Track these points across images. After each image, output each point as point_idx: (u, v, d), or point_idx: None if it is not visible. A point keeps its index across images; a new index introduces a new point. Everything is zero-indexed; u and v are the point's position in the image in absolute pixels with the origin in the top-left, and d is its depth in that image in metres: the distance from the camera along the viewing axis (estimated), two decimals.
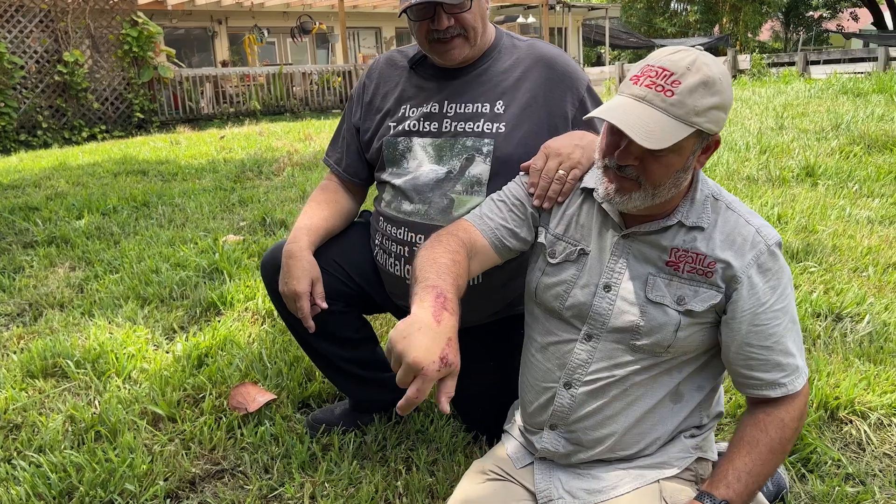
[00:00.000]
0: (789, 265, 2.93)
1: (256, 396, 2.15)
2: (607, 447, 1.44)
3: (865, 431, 1.97)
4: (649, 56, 1.30)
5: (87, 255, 3.66)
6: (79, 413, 2.13)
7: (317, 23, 17.10)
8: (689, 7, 30.47)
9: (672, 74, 1.22)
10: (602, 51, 22.66)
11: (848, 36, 33.75)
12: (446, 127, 1.72)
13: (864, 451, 1.92)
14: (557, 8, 19.33)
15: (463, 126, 1.71)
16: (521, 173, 1.57)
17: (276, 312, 2.71)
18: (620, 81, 12.87)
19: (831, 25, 34.29)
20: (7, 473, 1.90)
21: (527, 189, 1.53)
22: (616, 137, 1.29)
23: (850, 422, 2.01)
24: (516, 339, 1.72)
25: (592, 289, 1.40)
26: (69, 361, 2.44)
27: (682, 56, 1.24)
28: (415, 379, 1.14)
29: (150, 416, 2.14)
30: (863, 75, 9.77)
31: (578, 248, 1.43)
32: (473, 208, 1.66)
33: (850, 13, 32.14)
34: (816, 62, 14.82)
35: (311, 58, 19.28)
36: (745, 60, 14.45)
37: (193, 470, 1.90)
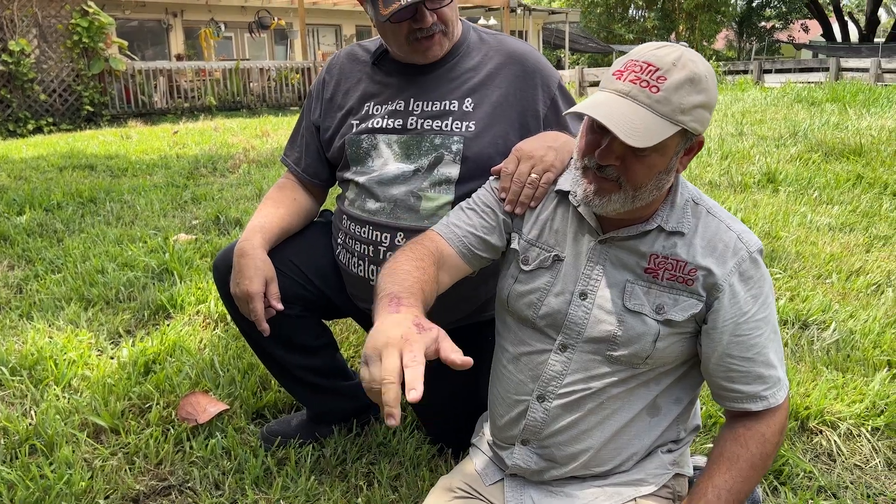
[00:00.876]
0: None
1: (207, 406, 2.02)
2: (582, 463, 1.36)
3: (836, 442, 1.94)
4: (632, 51, 1.22)
5: (27, 254, 3.46)
6: (12, 425, 1.97)
7: (275, 18, 16.87)
8: (646, 14, 30.94)
9: (658, 70, 1.15)
10: (562, 55, 22.83)
11: (799, 47, 34.77)
12: (413, 124, 1.63)
13: (834, 462, 1.89)
14: (518, 11, 19.41)
15: (430, 124, 1.62)
16: (492, 177, 1.48)
17: (229, 316, 2.58)
18: (580, 85, 12.89)
19: (783, 36, 35.25)
20: None
21: (497, 194, 1.44)
22: (597, 136, 1.21)
23: (821, 432, 1.99)
24: (484, 344, 1.64)
25: (568, 297, 1.32)
26: (3, 368, 2.27)
27: (667, 51, 1.17)
28: (403, 357, 1.00)
29: (90, 427, 1.99)
30: (815, 85, 10.01)
31: (553, 254, 1.35)
32: (442, 207, 1.58)
33: (801, 24, 33.09)
34: (769, 71, 15.15)
35: (269, 54, 18.99)
36: None
37: (137, 487, 1.77)
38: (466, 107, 1.63)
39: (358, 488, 1.76)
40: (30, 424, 2.00)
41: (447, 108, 1.63)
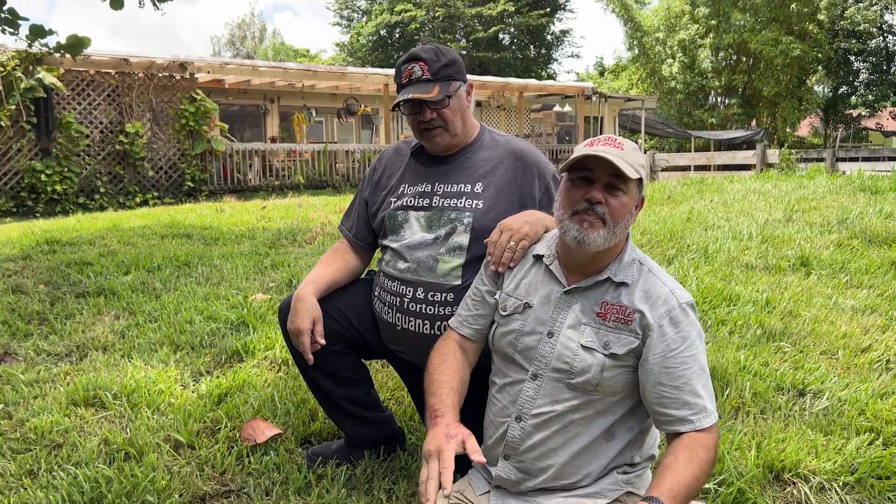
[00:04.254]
0: (767, 345, 3.18)
1: (265, 430, 2.45)
2: (550, 476, 1.70)
3: (806, 493, 2.16)
4: (587, 140, 1.69)
5: (130, 306, 4.06)
6: (112, 436, 2.45)
7: (362, 105, 18.04)
8: (728, 100, 31.09)
9: (616, 140, 1.65)
10: (638, 139, 23.23)
11: (887, 134, 33.93)
12: (435, 203, 2.08)
13: None
14: (594, 98, 20.06)
15: (448, 202, 2.07)
16: (483, 266, 1.91)
17: (290, 361, 3.03)
18: (651, 170, 13.21)
19: (870, 123, 34.55)
20: (48, 482, 2.22)
21: (484, 268, 1.89)
22: (581, 189, 1.64)
23: (794, 484, 2.21)
24: (483, 389, 2.01)
25: (538, 336, 1.71)
26: (108, 394, 2.78)
27: (612, 135, 1.69)
28: (439, 457, 1.51)
29: (172, 442, 2.45)
30: (886, 173, 9.98)
31: (524, 301, 1.75)
32: (454, 268, 2.01)
33: (890, 112, 32.42)
34: (844, 159, 15.07)
35: (356, 137, 20.20)
36: (773, 155, 14.80)
37: (205, 488, 2.20)
38: (477, 189, 2.07)
39: (379, 501, 2.12)
40: (125, 437, 2.47)
41: (462, 189, 2.08)
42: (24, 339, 3.58)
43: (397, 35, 35.33)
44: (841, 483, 2.20)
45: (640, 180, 1.66)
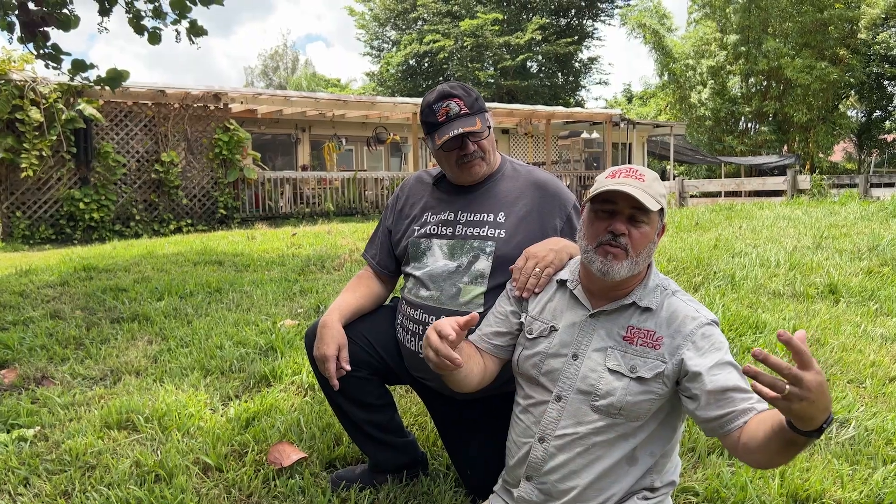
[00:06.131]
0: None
1: (291, 454, 2.50)
2: (572, 498, 1.72)
3: None
4: (609, 170, 1.73)
5: (163, 332, 4.16)
6: (143, 458, 2.52)
7: (391, 133, 18.29)
8: (759, 126, 30.83)
9: (637, 171, 1.70)
10: (667, 166, 23.15)
11: None
12: (458, 231, 2.13)
13: None
14: (622, 125, 20.08)
15: (471, 231, 2.12)
16: (508, 284, 1.95)
17: (316, 386, 3.09)
18: (679, 196, 13.16)
19: None
20: (81, 502, 2.28)
21: (510, 292, 1.93)
22: (604, 221, 1.69)
23: None
24: (507, 410, 2.04)
25: (563, 358, 1.75)
26: (140, 417, 2.86)
27: (634, 166, 1.73)
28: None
29: (201, 464, 2.51)
30: None
31: (549, 325, 1.80)
32: (476, 296, 2.05)
33: None
34: (878, 185, 14.85)
35: (385, 165, 20.45)
36: (805, 181, 14.63)
37: None
38: (499, 219, 2.12)
39: None
40: (156, 459, 2.54)
41: (485, 218, 2.13)
42: (62, 363, 3.70)
43: (426, 65, 35.79)
44: None
45: (661, 209, 1.71)
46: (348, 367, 2.10)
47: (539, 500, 1.76)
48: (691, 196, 15.63)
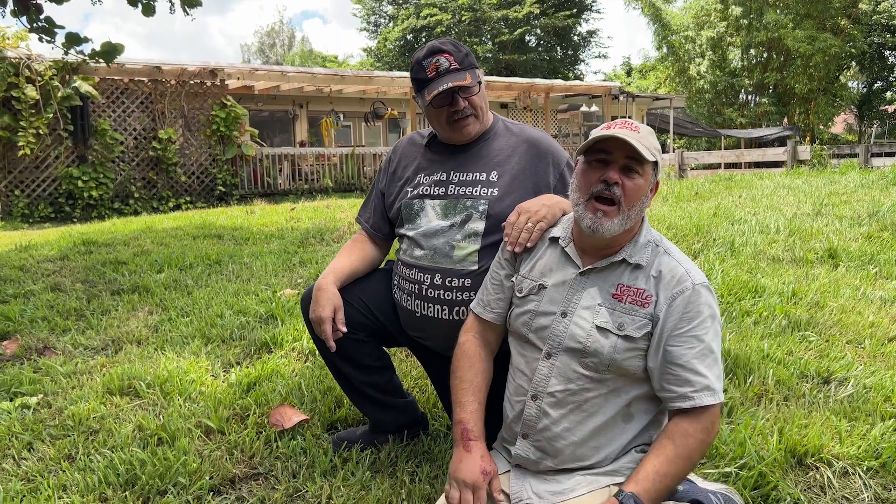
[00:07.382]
0: (792, 335, 3.16)
1: (292, 416, 2.52)
2: (568, 455, 1.73)
3: (829, 477, 2.16)
4: (604, 124, 1.72)
5: (163, 302, 4.17)
6: (146, 423, 2.54)
7: (389, 109, 18.17)
8: (759, 98, 30.62)
9: (632, 123, 1.69)
10: (667, 139, 23.02)
11: None
12: (451, 191, 2.13)
13: (824, 493, 2.11)
14: (621, 98, 19.95)
15: (464, 190, 2.11)
16: (500, 250, 1.95)
17: (317, 353, 3.10)
18: (679, 168, 13.10)
19: None
20: (85, 465, 2.31)
21: (502, 253, 1.93)
22: (598, 170, 1.68)
23: (816, 468, 2.21)
24: (504, 372, 2.05)
25: (552, 316, 1.74)
26: (142, 383, 2.88)
27: (628, 119, 1.73)
28: (474, 493, 1.68)
29: (203, 427, 2.53)
30: None
31: (538, 283, 1.79)
32: (470, 254, 2.04)
33: None
34: (879, 154, 14.78)
35: (383, 140, 20.35)
36: (805, 151, 14.57)
37: (234, 471, 2.27)
38: (492, 177, 2.11)
39: (402, 482, 2.17)
40: (159, 423, 2.55)
41: (477, 177, 2.12)
42: (63, 334, 3.71)
43: (423, 39, 35.48)
44: (865, 468, 2.19)
45: (655, 164, 1.69)
46: (344, 329, 2.10)
47: (536, 457, 1.77)
48: (691, 168, 15.58)
